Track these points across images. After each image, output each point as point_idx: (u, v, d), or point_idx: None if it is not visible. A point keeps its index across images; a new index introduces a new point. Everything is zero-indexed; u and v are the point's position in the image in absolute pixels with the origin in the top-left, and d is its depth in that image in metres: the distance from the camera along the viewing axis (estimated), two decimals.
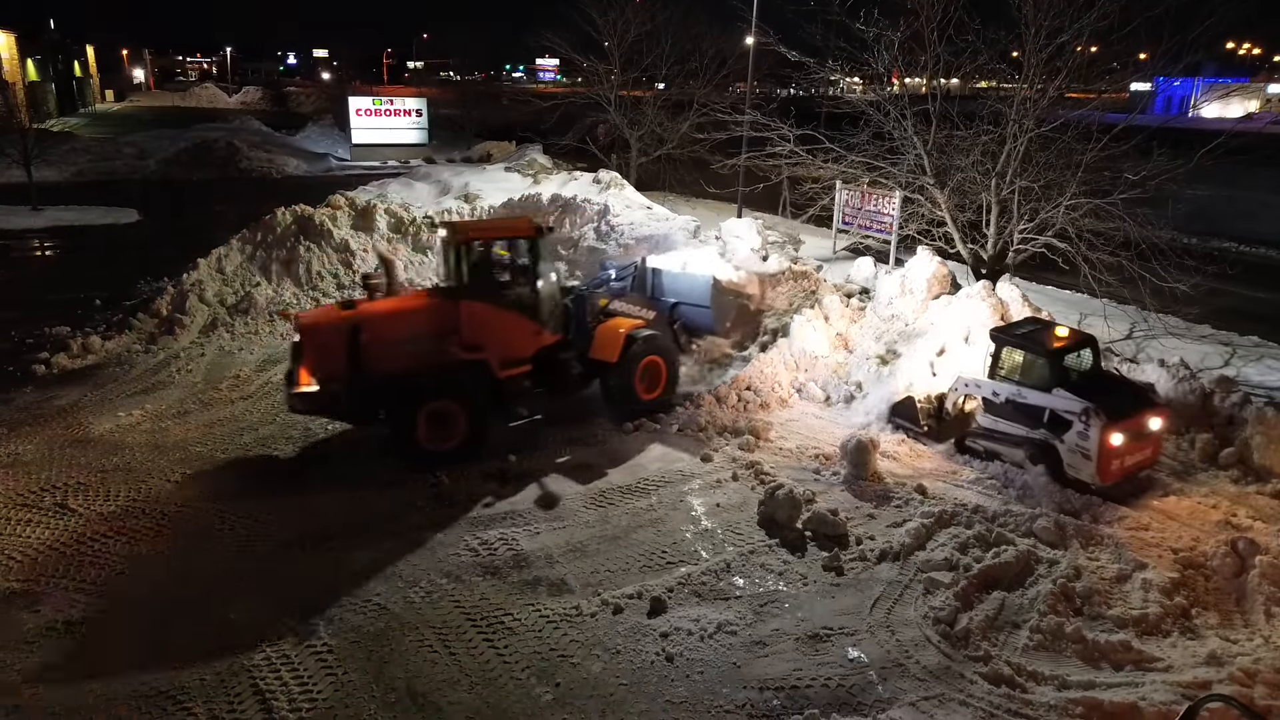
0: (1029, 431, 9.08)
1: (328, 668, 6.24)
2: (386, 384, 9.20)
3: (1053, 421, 8.86)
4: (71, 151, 31.85)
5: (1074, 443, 8.64)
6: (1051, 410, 8.86)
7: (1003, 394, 9.32)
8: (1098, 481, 8.55)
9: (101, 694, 5.92)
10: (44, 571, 7.36)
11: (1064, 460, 8.76)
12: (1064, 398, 8.76)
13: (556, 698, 5.98)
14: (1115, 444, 8.44)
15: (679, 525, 8.39)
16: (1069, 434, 8.68)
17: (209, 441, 9.97)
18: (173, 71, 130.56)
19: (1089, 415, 8.51)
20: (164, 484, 8.97)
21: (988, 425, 9.56)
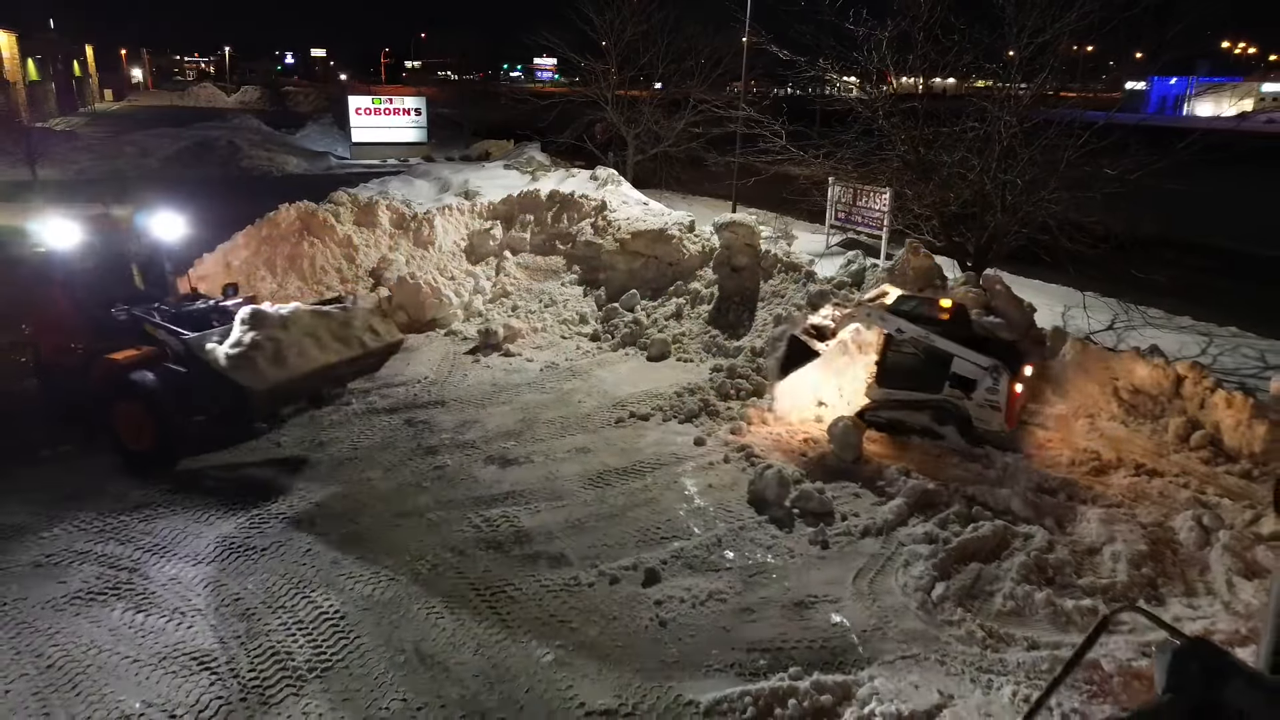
0: (931, 396, 9.76)
1: (340, 632, 6.62)
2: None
3: (956, 383, 9.57)
4: (74, 150, 32.19)
5: (983, 398, 9.39)
6: (954, 373, 9.56)
7: (908, 332, 9.80)
8: (1006, 429, 9.42)
9: (133, 659, 6.29)
10: (68, 553, 7.74)
11: (972, 416, 9.52)
12: (970, 357, 9.46)
13: (556, 659, 6.37)
14: (1018, 392, 9.38)
15: (672, 504, 8.77)
16: (977, 391, 9.40)
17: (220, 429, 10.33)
18: (170, 71, 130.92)
19: (997, 371, 9.29)
20: (177, 473, 9.34)
21: (883, 398, 10.21)
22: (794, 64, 15.25)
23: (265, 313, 9.09)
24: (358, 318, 10.05)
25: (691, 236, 15.31)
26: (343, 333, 9.77)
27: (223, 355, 8.61)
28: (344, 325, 9.83)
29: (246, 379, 8.50)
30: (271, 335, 8.92)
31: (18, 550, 7.71)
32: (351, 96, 38.69)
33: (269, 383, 8.67)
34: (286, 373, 8.87)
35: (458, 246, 16.68)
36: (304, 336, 9.26)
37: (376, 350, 10.13)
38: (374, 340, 10.05)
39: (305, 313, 9.52)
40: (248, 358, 8.63)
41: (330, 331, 9.62)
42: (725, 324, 13.61)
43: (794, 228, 19.08)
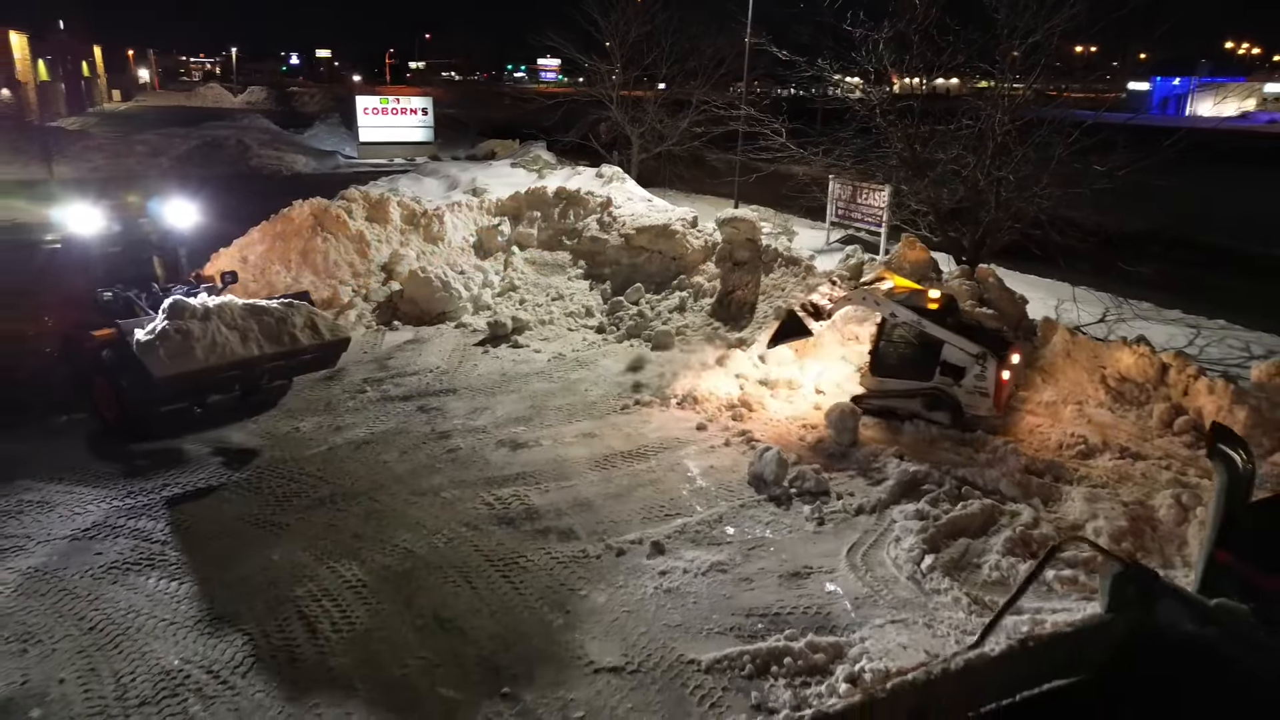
0: (921, 384, 10.24)
1: (363, 598, 7.04)
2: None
3: (946, 370, 10.04)
4: (86, 149, 32.65)
5: (972, 384, 9.87)
6: (944, 361, 10.02)
7: (901, 316, 10.26)
8: (995, 414, 9.97)
9: (170, 621, 6.71)
10: (104, 526, 8.17)
11: (962, 402, 9.99)
12: (961, 344, 9.92)
13: (566, 622, 6.78)
14: (1005, 378, 9.83)
15: (676, 484, 9.18)
16: (966, 378, 9.88)
17: (240, 413, 10.75)
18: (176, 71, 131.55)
19: (984, 359, 9.76)
20: (205, 449, 9.77)
21: (875, 386, 10.66)
22: (793, 64, 15.66)
23: (185, 303, 9.33)
24: (297, 315, 10.07)
25: (694, 232, 15.71)
26: (275, 329, 9.82)
27: (135, 340, 8.98)
28: (280, 321, 9.88)
29: (150, 364, 8.74)
30: (183, 326, 9.10)
31: (55, 525, 8.12)
32: (359, 96, 39.12)
33: (170, 370, 8.80)
34: (193, 363, 8.97)
35: (467, 242, 17.10)
36: (225, 329, 9.35)
37: (312, 347, 10.05)
38: (310, 338, 10.04)
39: (233, 306, 9.66)
40: (154, 345, 8.89)
41: (261, 326, 9.69)
42: (727, 316, 14.01)
43: (794, 224, 19.49)
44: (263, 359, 9.65)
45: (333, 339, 10.32)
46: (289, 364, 10.17)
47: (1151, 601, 3.27)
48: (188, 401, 10.05)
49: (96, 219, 10.46)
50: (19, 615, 6.80)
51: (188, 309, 9.24)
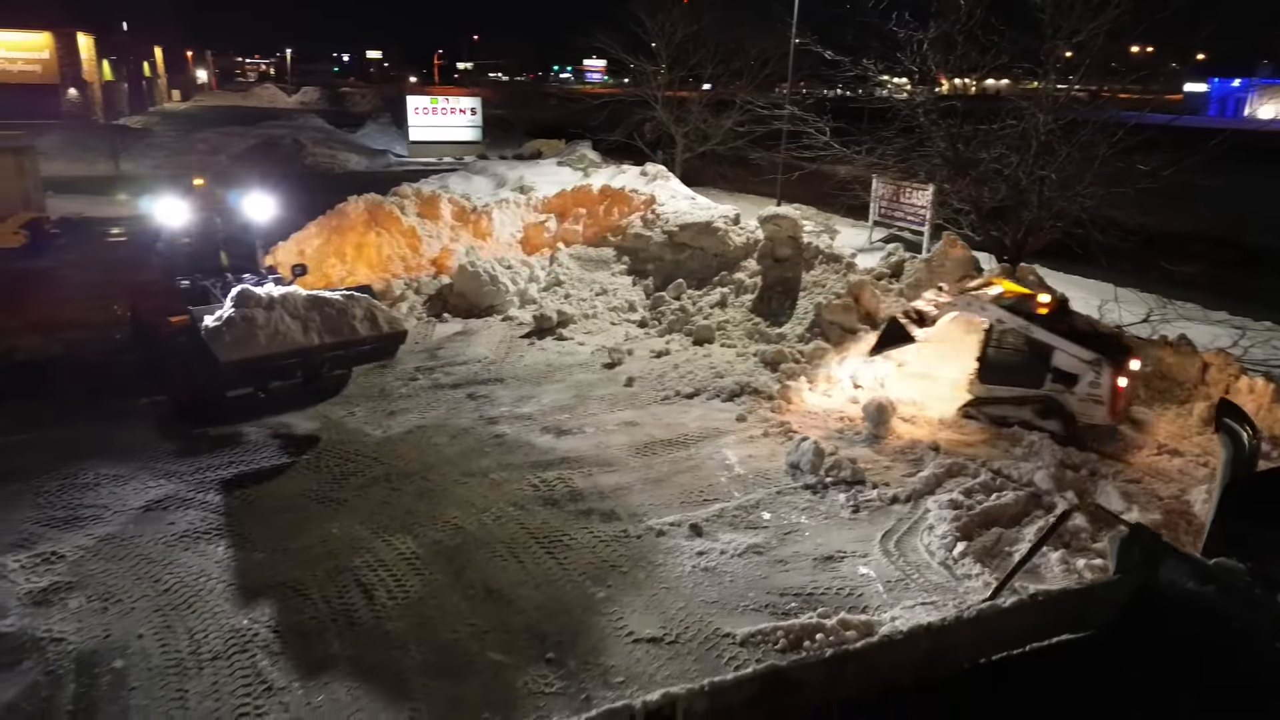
0: (1032, 390, 9.95)
1: (416, 570, 7.44)
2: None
3: (1058, 377, 9.73)
4: (149, 147, 33.88)
5: (1085, 392, 9.54)
6: (1056, 367, 9.72)
7: (1009, 322, 10.03)
8: (1109, 422, 9.62)
9: (238, 585, 7.18)
10: (176, 498, 8.70)
11: (1075, 410, 9.66)
12: (1073, 350, 9.59)
13: (608, 595, 7.11)
14: (1122, 386, 9.44)
15: (714, 471, 9.46)
16: (1079, 385, 9.55)
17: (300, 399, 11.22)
18: (232, 72, 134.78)
19: (1099, 365, 9.43)
20: (268, 432, 10.29)
21: (984, 394, 10.44)
22: (838, 64, 15.84)
23: (251, 292, 9.70)
24: (357, 307, 10.32)
25: (736, 229, 15.96)
26: (336, 320, 10.07)
27: (204, 327, 9.39)
28: (340, 313, 10.14)
29: (216, 349, 9.09)
30: (248, 314, 9.46)
31: (131, 497, 8.66)
32: (410, 96, 39.94)
33: (234, 356, 9.12)
34: (256, 349, 9.29)
35: (514, 238, 17.54)
36: (288, 318, 9.68)
37: (370, 339, 10.26)
38: (368, 329, 10.18)
39: (296, 297, 9.98)
40: (220, 331, 9.29)
41: (322, 317, 9.96)
42: (768, 312, 14.24)
43: (836, 223, 19.61)
44: (323, 348, 9.98)
45: (390, 331, 10.57)
46: (348, 354, 10.47)
47: (1156, 562, 3.49)
48: (252, 386, 10.34)
49: (182, 211, 11.03)
50: (99, 577, 7.30)
51: (253, 298, 9.64)
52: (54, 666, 6.23)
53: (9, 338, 13.14)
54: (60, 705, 5.87)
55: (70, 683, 6.07)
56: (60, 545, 7.71)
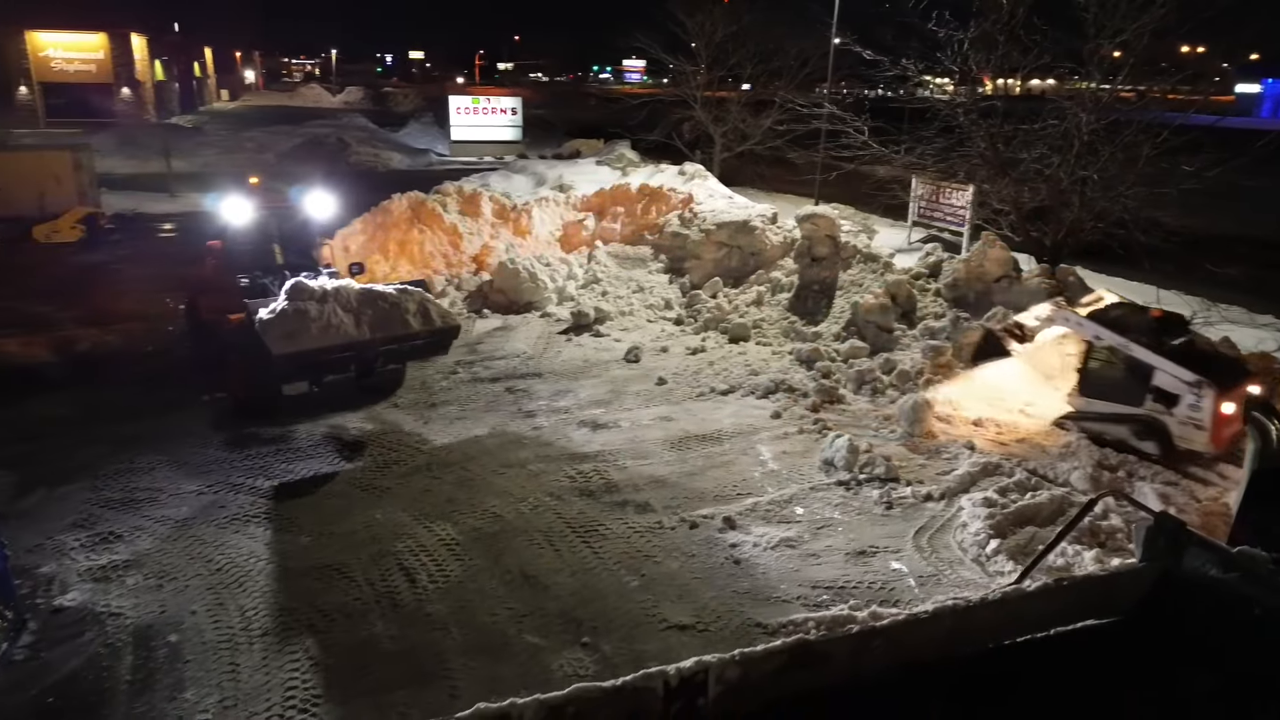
0: (1131, 409, 9.36)
1: (456, 555, 7.65)
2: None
3: (1158, 397, 9.15)
4: (200, 145, 34.76)
5: (1185, 414, 8.92)
6: (1157, 387, 9.14)
7: (1106, 339, 9.50)
8: (1211, 449, 8.94)
9: (286, 567, 7.45)
10: (228, 482, 9.02)
11: (1174, 433, 9.07)
12: (1173, 370, 8.99)
13: (641, 584, 7.26)
14: (1227, 413, 8.76)
15: (748, 467, 9.56)
16: (1179, 407, 8.96)
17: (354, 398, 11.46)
18: (279, 73, 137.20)
19: (1201, 387, 8.80)
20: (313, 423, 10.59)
21: (1083, 407, 9.95)
22: (877, 64, 15.84)
23: (304, 285, 9.79)
24: (410, 301, 10.26)
25: (773, 228, 16.03)
26: (388, 314, 10.14)
27: (258, 319, 9.53)
28: (393, 307, 10.18)
29: (270, 341, 9.20)
30: (301, 307, 9.57)
31: (184, 481, 9.00)
32: (452, 96, 40.47)
33: (287, 348, 9.21)
34: (309, 342, 9.38)
35: (553, 236, 17.77)
36: (341, 312, 9.79)
37: (423, 333, 10.29)
38: (421, 324, 10.20)
39: (349, 290, 9.98)
40: (273, 324, 9.36)
41: (375, 311, 10.04)
42: (804, 311, 14.29)
43: (874, 223, 19.57)
44: (375, 342, 10.04)
45: (444, 326, 10.59)
46: (401, 348, 10.39)
47: (1180, 550, 3.56)
48: (305, 379, 10.43)
49: (246, 209, 11.19)
50: (155, 556, 7.62)
51: (306, 290, 9.80)
52: (113, 639, 6.53)
53: (69, 327, 13.65)
54: (119, 675, 6.16)
55: (128, 655, 6.37)
56: (118, 526, 8.05)
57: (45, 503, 8.39)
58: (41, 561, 7.45)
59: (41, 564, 7.41)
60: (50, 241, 20.17)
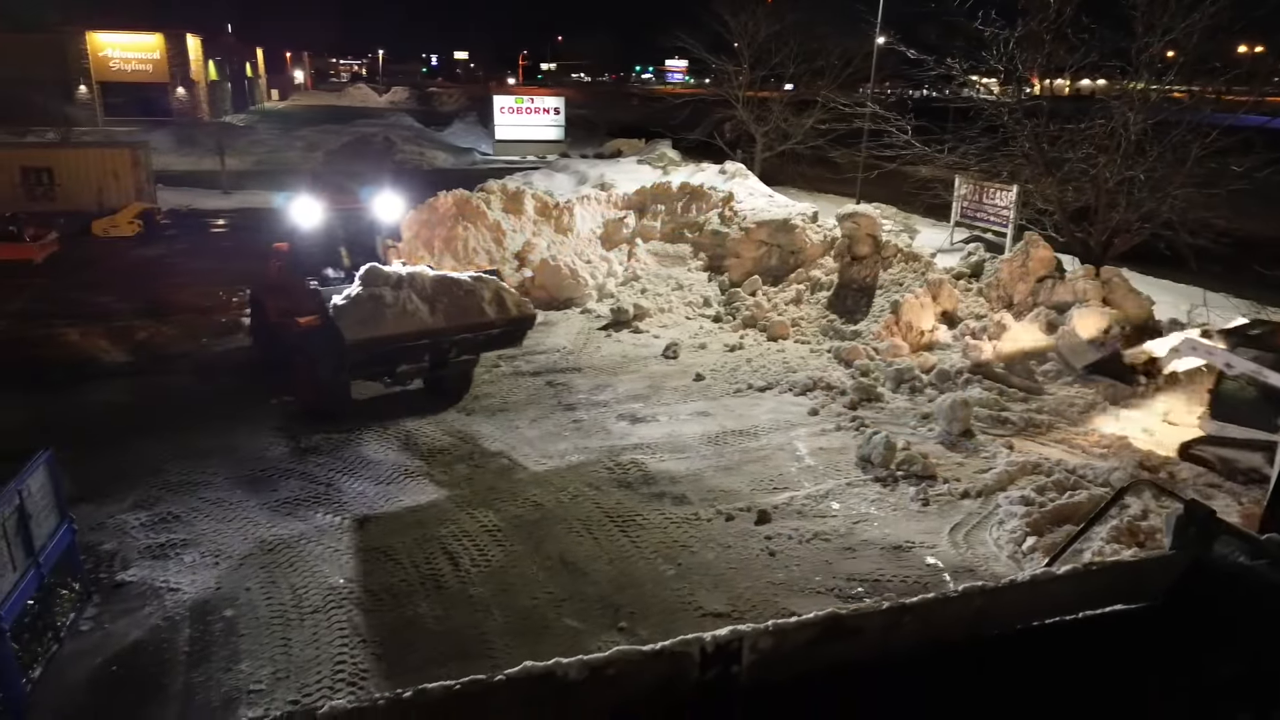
0: (1268, 436, 8.38)
1: (497, 541, 7.86)
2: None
3: None
4: (252, 143, 35.61)
5: None
6: None
7: (1238, 367, 8.77)
8: None
9: (335, 548, 7.72)
10: (278, 467, 9.33)
11: None
12: None
13: (677, 573, 7.40)
14: None
15: (785, 462, 9.66)
16: None
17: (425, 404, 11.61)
18: (327, 73, 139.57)
19: None
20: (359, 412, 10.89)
21: (1216, 431, 9.24)
22: (921, 63, 15.79)
23: (379, 270, 9.42)
24: (485, 289, 9.92)
25: (814, 227, 16.06)
26: (464, 302, 9.69)
27: (332, 305, 9.18)
28: (468, 294, 9.76)
29: (344, 327, 8.90)
30: (376, 293, 9.13)
31: (238, 466, 9.33)
32: (496, 96, 40.97)
33: (361, 335, 8.90)
34: (383, 329, 9.00)
35: (594, 233, 17.96)
36: (416, 298, 9.43)
37: (499, 322, 10.02)
38: (497, 313, 9.88)
39: (424, 276, 9.66)
40: (348, 310, 9.04)
41: (450, 299, 9.60)
42: (843, 309, 14.32)
43: (916, 223, 19.50)
44: (450, 330, 9.69)
45: (519, 315, 10.24)
46: (475, 338, 10.13)
47: (1210, 538, 3.62)
48: (379, 369, 10.06)
49: (316, 211, 10.87)
50: (211, 536, 7.93)
51: (381, 275, 9.46)
52: (172, 613, 6.84)
53: (128, 318, 14.15)
54: (178, 646, 6.45)
55: (186, 627, 6.66)
56: (176, 507, 8.39)
57: (107, 484, 8.75)
58: (104, 539, 7.80)
59: (104, 541, 7.76)
60: (108, 236, 20.87)
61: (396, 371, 10.16)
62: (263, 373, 11.58)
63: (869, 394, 11.35)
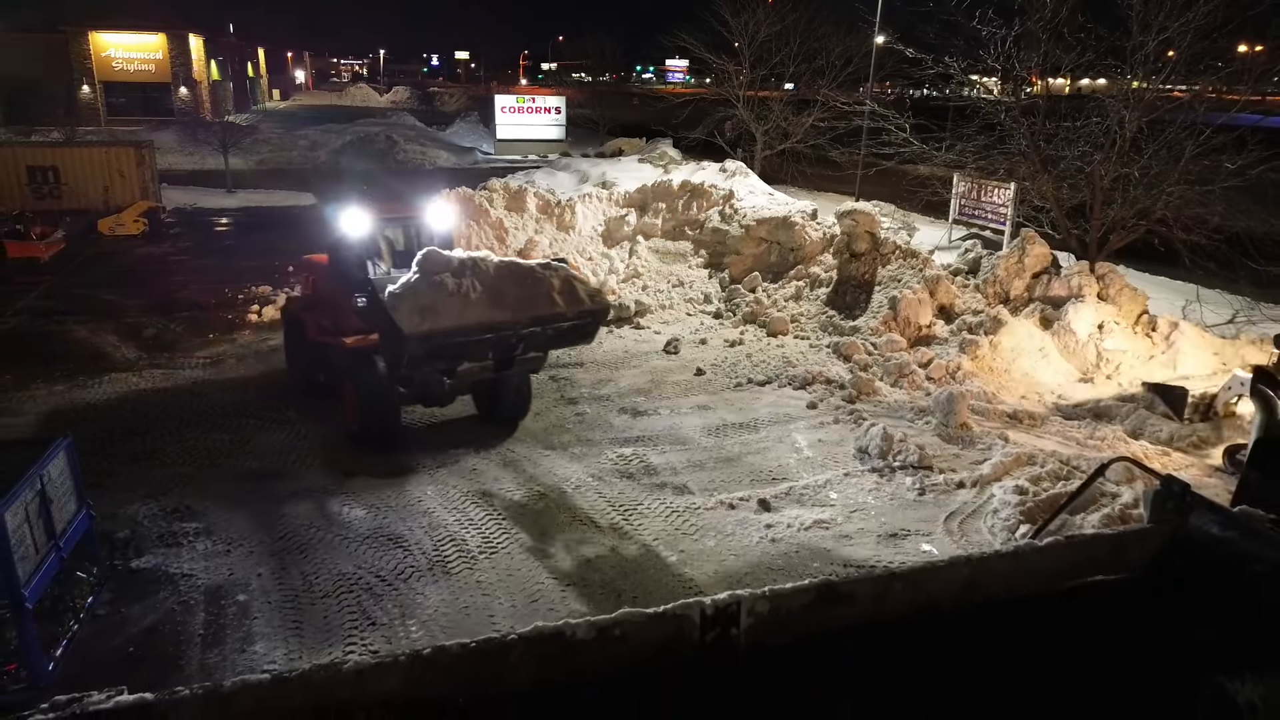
0: None
1: (503, 529, 8.04)
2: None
3: None
4: (255, 143, 35.73)
5: None
6: None
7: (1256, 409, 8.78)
8: None
9: (351, 537, 7.90)
10: (287, 458, 9.51)
11: None
12: None
13: (679, 559, 7.58)
14: None
15: (784, 454, 9.83)
16: None
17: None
18: (328, 73, 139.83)
19: None
20: None
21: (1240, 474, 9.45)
22: (919, 62, 15.96)
23: (438, 254, 8.38)
24: (555, 277, 8.80)
25: (813, 224, 16.23)
26: (531, 291, 8.61)
27: (387, 294, 8.04)
28: (537, 282, 8.64)
29: (400, 319, 7.84)
30: (435, 280, 8.08)
31: (249, 458, 9.50)
32: (498, 96, 41.20)
33: (420, 328, 7.87)
34: (444, 320, 7.97)
35: (595, 231, 18.14)
36: (480, 286, 8.37)
37: (571, 314, 8.85)
38: (567, 304, 8.74)
39: (488, 262, 8.61)
40: (404, 299, 8.00)
41: (517, 287, 8.52)
42: (842, 305, 14.49)
43: (915, 221, 19.68)
44: (517, 323, 8.54)
45: (593, 307, 9.03)
46: (544, 332, 8.88)
47: (1186, 511, 3.81)
48: (439, 365, 8.83)
49: (365, 221, 9.79)
50: (223, 525, 8.11)
51: (441, 260, 8.29)
52: (186, 598, 7.02)
53: (137, 314, 14.33)
54: (193, 630, 6.63)
55: (200, 611, 6.84)
56: (188, 498, 8.56)
57: (120, 474, 8.93)
58: (118, 528, 7.97)
59: (118, 530, 7.93)
60: (115, 234, 21.06)
61: (457, 371, 8.93)
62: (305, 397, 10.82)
63: (867, 388, 11.52)
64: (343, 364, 9.44)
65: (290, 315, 11.40)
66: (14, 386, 11.17)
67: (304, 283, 11.49)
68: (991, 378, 11.67)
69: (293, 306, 11.60)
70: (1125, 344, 12.06)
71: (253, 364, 12.43)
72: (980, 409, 10.90)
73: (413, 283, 8.14)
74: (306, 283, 11.43)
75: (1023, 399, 11.25)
